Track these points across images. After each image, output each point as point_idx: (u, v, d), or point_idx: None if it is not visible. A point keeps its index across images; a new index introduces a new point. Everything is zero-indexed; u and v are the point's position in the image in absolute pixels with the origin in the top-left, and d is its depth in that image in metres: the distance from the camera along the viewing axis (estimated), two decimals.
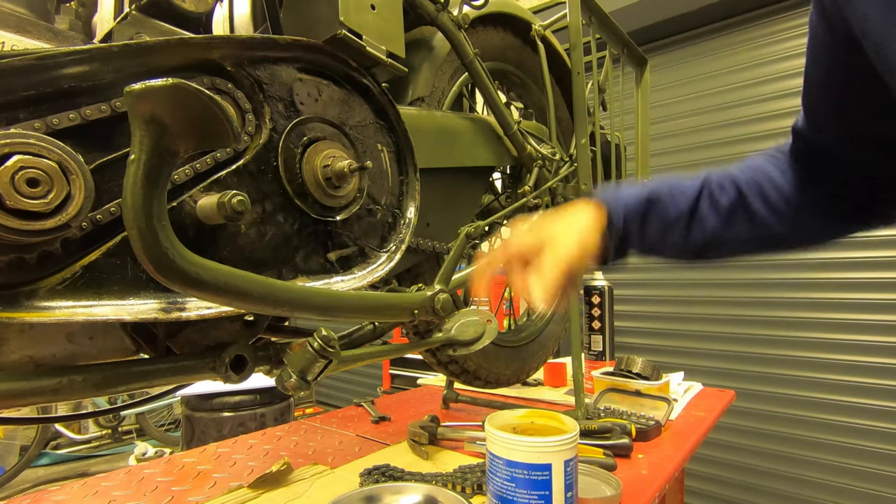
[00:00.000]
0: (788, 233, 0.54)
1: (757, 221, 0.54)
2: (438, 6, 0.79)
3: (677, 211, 0.55)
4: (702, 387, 1.36)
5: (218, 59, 0.49)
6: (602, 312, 1.30)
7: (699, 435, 0.99)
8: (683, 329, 2.36)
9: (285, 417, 2.37)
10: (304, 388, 0.53)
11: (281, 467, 0.76)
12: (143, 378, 0.47)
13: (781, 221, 0.53)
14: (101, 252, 0.42)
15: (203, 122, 0.34)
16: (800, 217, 0.53)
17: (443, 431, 0.92)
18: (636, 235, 0.56)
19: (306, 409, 4.20)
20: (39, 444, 3.02)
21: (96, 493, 0.75)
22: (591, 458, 0.78)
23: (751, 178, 0.55)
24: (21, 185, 0.35)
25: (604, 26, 1.21)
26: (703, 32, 2.35)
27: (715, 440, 2.20)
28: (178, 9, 0.61)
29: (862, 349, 1.93)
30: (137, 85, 0.31)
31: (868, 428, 1.89)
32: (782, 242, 0.56)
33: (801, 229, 0.54)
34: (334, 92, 0.60)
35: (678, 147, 2.41)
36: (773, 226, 0.53)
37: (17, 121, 0.38)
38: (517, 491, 0.54)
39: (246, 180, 0.51)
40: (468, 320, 0.75)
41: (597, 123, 1.20)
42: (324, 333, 0.52)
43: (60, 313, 0.39)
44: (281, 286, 0.46)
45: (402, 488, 0.66)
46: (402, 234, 0.67)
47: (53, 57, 0.39)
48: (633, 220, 0.56)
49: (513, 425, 0.61)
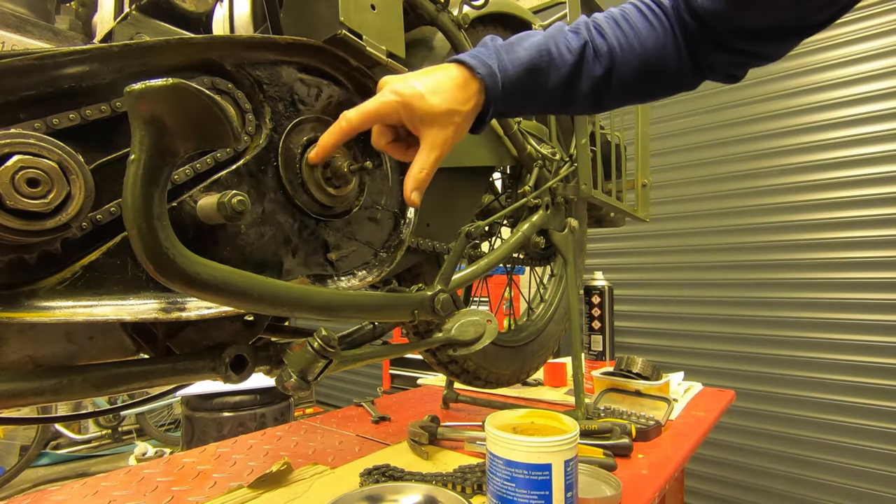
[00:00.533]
0: (644, 91, 0.60)
1: (621, 86, 0.58)
2: (438, 6, 0.79)
3: (556, 82, 0.56)
4: (702, 387, 1.36)
5: (218, 59, 0.49)
6: (602, 312, 1.30)
7: (699, 435, 0.99)
8: (683, 329, 2.36)
9: (285, 417, 2.37)
10: (304, 388, 0.52)
11: (281, 467, 0.76)
12: (143, 378, 0.47)
13: (642, 82, 0.58)
14: (101, 252, 0.42)
15: (203, 122, 0.34)
16: (659, 78, 0.58)
17: (443, 431, 0.92)
18: (511, 106, 0.57)
19: (306, 409, 4.21)
20: (39, 444, 3.03)
21: (96, 493, 0.75)
22: (591, 458, 0.78)
23: (626, 43, 0.57)
24: (21, 185, 0.35)
25: None
26: None
27: (715, 440, 2.20)
28: (178, 9, 0.61)
29: (862, 349, 1.93)
30: (137, 85, 0.31)
31: (868, 428, 1.89)
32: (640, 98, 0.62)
33: (656, 86, 0.59)
34: (334, 92, 0.60)
35: (678, 147, 2.41)
36: (635, 87, 0.58)
37: (17, 121, 0.38)
38: (517, 491, 0.54)
39: (246, 180, 0.51)
40: (468, 320, 0.75)
41: (597, 123, 1.20)
42: (324, 333, 0.52)
43: (60, 313, 0.39)
44: (281, 286, 0.46)
45: (402, 488, 0.66)
46: (402, 234, 0.67)
47: (53, 57, 0.39)
48: (510, 93, 0.55)
49: (513, 425, 0.61)
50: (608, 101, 0.60)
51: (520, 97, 0.56)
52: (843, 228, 2.01)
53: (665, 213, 2.44)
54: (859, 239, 1.98)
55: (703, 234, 2.35)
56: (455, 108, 0.52)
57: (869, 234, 1.96)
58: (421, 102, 0.51)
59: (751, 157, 2.23)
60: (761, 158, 2.20)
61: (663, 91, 0.61)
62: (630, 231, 2.53)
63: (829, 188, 2.05)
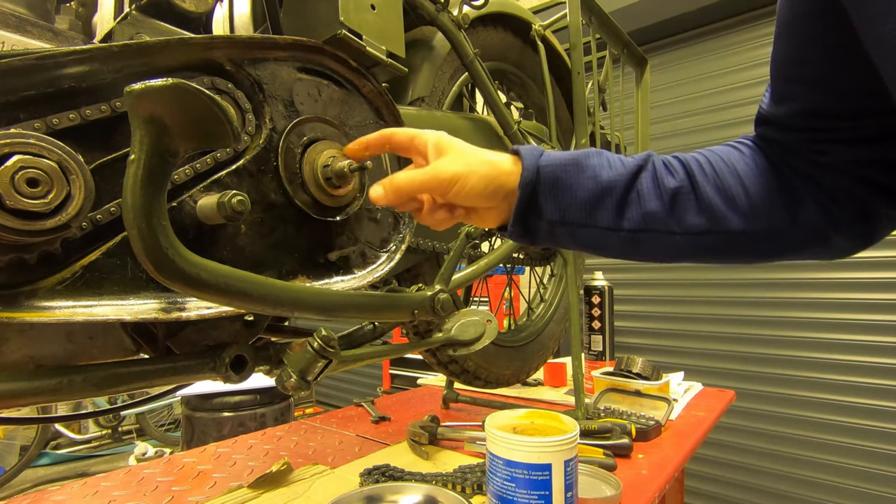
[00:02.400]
0: (750, 232, 0.44)
1: (709, 211, 0.44)
2: (438, 6, 0.79)
3: (610, 179, 0.45)
4: (702, 387, 1.36)
5: (218, 59, 0.49)
6: (602, 312, 1.30)
7: (699, 435, 0.99)
8: (683, 329, 2.36)
9: (285, 417, 2.37)
10: (304, 388, 0.52)
11: (281, 467, 0.76)
12: (143, 378, 0.47)
13: (741, 216, 0.44)
14: (101, 252, 0.42)
15: (203, 122, 0.34)
16: (765, 214, 0.44)
17: (443, 431, 0.92)
18: (552, 198, 0.46)
19: (306, 409, 4.20)
20: (39, 444, 3.02)
21: (96, 493, 0.75)
22: (591, 458, 0.78)
23: (706, 162, 0.47)
24: (21, 185, 0.35)
25: (604, 26, 1.21)
26: (703, 32, 2.35)
27: (715, 440, 2.20)
28: (178, 9, 0.61)
29: (862, 349, 1.93)
30: (137, 85, 0.31)
31: (868, 428, 1.89)
32: (742, 245, 0.45)
33: (768, 231, 0.45)
34: (334, 92, 0.60)
35: (678, 147, 2.41)
36: (730, 220, 0.44)
37: (17, 121, 0.38)
38: (517, 491, 0.54)
39: (246, 180, 0.51)
40: (468, 320, 0.75)
41: (597, 123, 1.20)
42: (324, 333, 0.52)
43: (60, 313, 0.39)
44: (281, 286, 0.46)
45: (402, 488, 0.66)
46: (402, 234, 0.67)
47: (53, 57, 0.39)
48: (551, 178, 0.46)
49: (513, 425, 0.61)
50: (691, 226, 0.45)
51: (561, 187, 0.46)
52: None
53: None
54: None
55: None
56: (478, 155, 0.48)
57: None
58: (455, 146, 0.49)
59: None
60: None
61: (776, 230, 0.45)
62: None
63: None
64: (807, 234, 0.45)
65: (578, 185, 0.45)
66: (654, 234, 0.45)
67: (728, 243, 0.45)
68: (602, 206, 0.45)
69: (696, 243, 0.45)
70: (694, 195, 0.45)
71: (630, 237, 0.46)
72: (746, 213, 0.44)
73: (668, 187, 0.45)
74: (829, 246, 0.46)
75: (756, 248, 0.46)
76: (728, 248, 0.46)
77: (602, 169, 0.46)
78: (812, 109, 0.42)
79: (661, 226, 0.45)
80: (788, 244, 0.45)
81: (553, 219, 0.46)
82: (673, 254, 0.47)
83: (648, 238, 0.46)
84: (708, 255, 0.47)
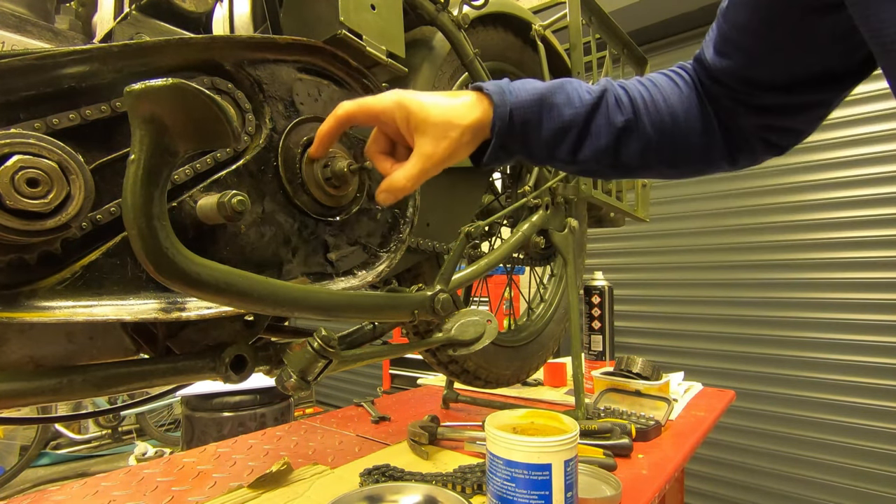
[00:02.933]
0: (673, 157, 0.55)
1: (644, 142, 0.53)
2: (438, 6, 0.79)
3: (571, 119, 0.52)
4: (702, 387, 1.36)
5: (218, 59, 0.49)
6: (602, 312, 1.30)
7: (699, 435, 0.99)
8: (683, 329, 2.36)
9: (285, 417, 2.37)
10: (304, 388, 0.53)
11: (281, 467, 0.76)
12: (143, 378, 0.47)
13: (670, 145, 0.54)
14: (101, 252, 0.42)
15: (203, 122, 0.34)
16: (685, 146, 0.54)
17: (443, 431, 0.92)
18: (521, 138, 0.52)
19: (306, 409, 4.20)
20: (39, 444, 3.03)
21: (96, 493, 0.75)
22: (591, 458, 0.78)
23: (649, 98, 0.54)
24: (21, 185, 0.35)
25: (604, 26, 1.21)
26: (703, 32, 2.34)
27: (715, 440, 2.20)
28: (178, 9, 0.61)
29: (862, 349, 1.93)
30: (137, 85, 0.31)
31: (868, 428, 1.89)
32: (669, 166, 0.56)
33: (685, 155, 0.55)
34: (334, 92, 0.60)
35: None
36: (662, 149, 0.54)
37: (17, 121, 0.38)
38: (517, 491, 0.54)
39: (246, 180, 0.51)
40: (468, 320, 0.75)
41: None
42: (324, 333, 0.52)
43: (60, 313, 0.39)
44: (281, 286, 0.46)
45: (402, 488, 0.66)
46: (402, 234, 0.67)
47: (53, 57, 0.39)
48: (520, 120, 0.51)
49: (513, 425, 0.61)
50: (629, 160, 0.54)
51: (529, 129, 0.52)
52: (844, 228, 2.01)
53: (665, 213, 2.44)
54: (859, 239, 1.98)
55: (703, 233, 2.35)
56: (453, 120, 0.49)
57: (869, 234, 1.96)
58: (418, 108, 0.49)
59: None
60: None
61: (693, 157, 0.55)
62: (630, 231, 2.53)
63: (830, 188, 2.05)
64: (709, 159, 0.56)
65: (544, 125, 0.52)
66: (599, 167, 0.55)
67: (655, 166, 0.56)
68: (562, 144, 0.53)
69: (627, 169, 0.56)
70: (637, 130, 0.53)
71: (580, 170, 0.57)
72: (674, 144, 0.54)
73: (616, 125, 0.52)
74: (715, 158, 0.56)
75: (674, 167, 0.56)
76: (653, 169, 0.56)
77: (565, 107, 0.52)
78: (742, 76, 0.49)
79: (606, 160, 0.54)
80: (695, 159, 0.56)
81: (519, 155, 0.54)
82: (611, 174, 0.58)
83: (594, 169, 0.56)
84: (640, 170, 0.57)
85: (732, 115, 0.53)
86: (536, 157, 0.55)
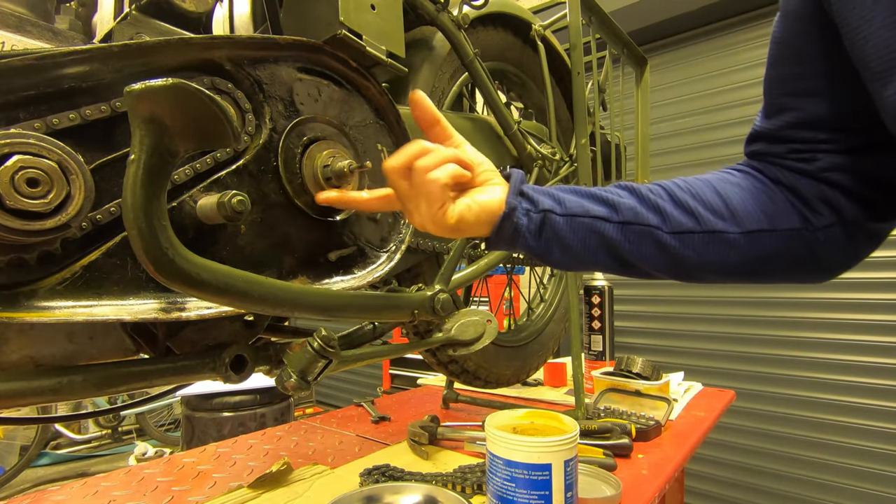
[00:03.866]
0: (734, 233, 0.45)
1: (692, 213, 0.46)
2: (438, 6, 0.79)
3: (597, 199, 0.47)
4: (702, 387, 1.36)
5: (218, 59, 0.49)
6: (602, 312, 1.30)
7: (699, 435, 0.99)
8: (683, 329, 2.36)
9: (285, 417, 2.37)
10: (304, 388, 0.53)
11: (281, 467, 0.76)
12: (143, 378, 0.47)
13: (721, 219, 0.45)
14: (101, 252, 0.42)
15: (203, 122, 0.34)
16: (746, 218, 0.45)
17: (443, 431, 0.92)
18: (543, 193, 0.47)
19: (306, 409, 4.20)
20: (39, 444, 3.02)
21: (96, 493, 0.75)
22: (591, 458, 0.78)
23: (681, 182, 0.48)
24: (21, 185, 0.35)
25: (604, 26, 1.21)
26: (703, 32, 2.35)
27: (715, 440, 2.20)
28: (178, 9, 0.61)
29: (862, 349, 1.93)
30: (137, 85, 0.31)
31: (868, 428, 1.89)
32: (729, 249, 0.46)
33: (752, 235, 0.45)
34: (334, 92, 0.60)
35: (678, 147, 2.41)
36: (712, 222, 0.45)
37: (17, 121, 0.38)
38: (517, 491, 0.54)
39: (246, 180, 0.51)
40: (468, 320, 0.75)
41: (597, 123, 1.20)
42: (324, 333, 0.52)
43: (60, 313, 0.39)
44: (281, 286, 0.46)
45: (402, 488, 0.66)
46: (402, 234, 0.67)
47: (53, 57, 0.39)
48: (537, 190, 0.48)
49: (513, 425, 0.61)
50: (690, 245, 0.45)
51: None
52: None
53: None
54: None
55: None
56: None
57: None
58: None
59: None
60: None
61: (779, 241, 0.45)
62: None
63: None
64: (789, 242, 0.45)
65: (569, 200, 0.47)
66: (644, 229, 0.46)
67: (715, 245, 0.45)
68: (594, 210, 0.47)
69: (683, 242, 0.46)
70: (676, 203, 0.46)
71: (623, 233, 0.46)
72: (726, 216, 0.45)
73: (652, 200, 0.46)
74: (815, 261, 0.46)
75: (743, 254, 0.46)
76: (716, 252, 0.46)
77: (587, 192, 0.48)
78: (804, 119, 0.44)
79: (651, 220, 0.46)
80: (774, 252, 0.46)
81: (546, 206, 0.47)
82: (667, 256, 0.46)
83: (639, 231, 0.46)
84: (699, 264, 0.47)
85: (800, 170, 0.45)
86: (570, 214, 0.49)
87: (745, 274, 0.47)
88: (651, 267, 0.47)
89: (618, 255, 0.47)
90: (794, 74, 0.44)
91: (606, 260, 0.48)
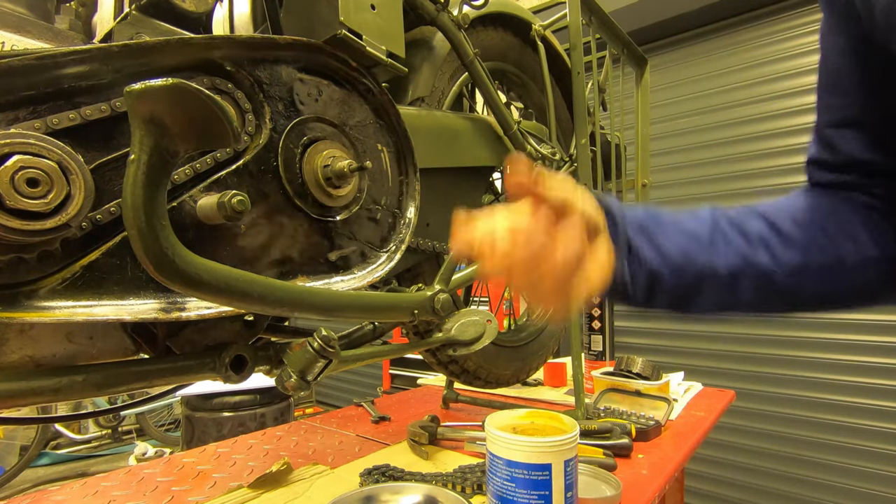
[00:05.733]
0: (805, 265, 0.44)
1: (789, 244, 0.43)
2: (438, 6, 0.79)
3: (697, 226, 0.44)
4: (702, 387, 1.36)
5: (218, 59, 0.49)
6: (602, 312, 1.30)
7: (699, 435, 0.99)
8: (683, 329, 2.36)
9: (285, 417, 2.37)
10: (304, 388, 0.53)
11: (281, 467, 0.76)
12: (143, 378, 0.47)
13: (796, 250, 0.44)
14: (101, 252, 0.42)
15: (203, 122, 0.34)
16: (818, 245, 0.44)
17: (443, 431, 0.92)
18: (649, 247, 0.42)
19: (306, 409, 4.20)
20: (39, 444, 3.02)
21: (96, 493, 0.75)
22: (591, 458, 0.78)
23: (772, 207, 0.47)
24: (21, 185, 0.35)
25: (604, 26, 1.21)
26: (703, 32, 2.35)
27: (715, 440, 2.20)
28: (178, 9, 0.61)
29: (862, 349, 1.93)
30: (137, 85, 0.31)
31: (868, 428, 1.89)
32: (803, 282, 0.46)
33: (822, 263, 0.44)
34: (334, 92, 0.60)
35: (678, 147, 2.41)
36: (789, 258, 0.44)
37: (17, 121, 0.38)
38: (517, 491, 0.54)
39: (246, 180, 0.51)
40: (468, 320, 0.75)
41: (597, 123, 1.20)
42: (324, 333, 0.52)
43: (60, 313, 0.39)
44: (281, 286, 0.46)
45: (402, 488, 0.66)
46: (402, 234, 0.67)
47: (53, 57, 0.39)
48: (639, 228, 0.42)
49: (513, 425, 0.61)
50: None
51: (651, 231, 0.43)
52: None
53: None
54: None
55: None
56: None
57: None
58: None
59: (751, 157, 2.23)
60: (762, 158, 2.20)
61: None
62: None
63: None
64: (863, 266, 0.44)
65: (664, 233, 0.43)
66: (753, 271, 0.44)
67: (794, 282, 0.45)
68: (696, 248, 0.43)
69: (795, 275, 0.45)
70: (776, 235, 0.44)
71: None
72: (799, 245, 0.44)
73: (751, 232, 0.44)
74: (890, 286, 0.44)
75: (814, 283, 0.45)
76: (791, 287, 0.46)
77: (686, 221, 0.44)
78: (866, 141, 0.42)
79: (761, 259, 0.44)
80: (849, 277, 0.44)
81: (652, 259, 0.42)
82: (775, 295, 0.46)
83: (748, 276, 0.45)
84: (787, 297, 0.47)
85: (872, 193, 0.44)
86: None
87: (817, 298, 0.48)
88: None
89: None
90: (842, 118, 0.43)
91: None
